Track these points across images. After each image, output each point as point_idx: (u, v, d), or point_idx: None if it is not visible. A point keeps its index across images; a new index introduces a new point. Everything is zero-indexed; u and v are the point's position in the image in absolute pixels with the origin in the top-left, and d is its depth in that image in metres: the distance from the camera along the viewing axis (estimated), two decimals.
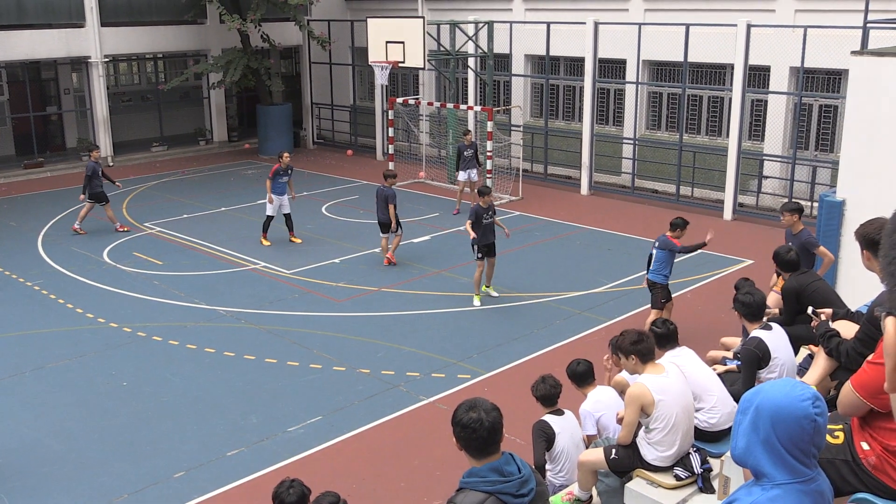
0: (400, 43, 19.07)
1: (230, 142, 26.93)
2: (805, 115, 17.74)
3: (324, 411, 9.50)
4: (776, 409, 2.48)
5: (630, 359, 5.71)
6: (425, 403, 9.67)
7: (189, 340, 11.48)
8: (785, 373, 6.49)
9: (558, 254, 15.29)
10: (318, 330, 11.84)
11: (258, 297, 13.20)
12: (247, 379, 10.32)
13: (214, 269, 14.59)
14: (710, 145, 19.16)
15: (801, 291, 7.80)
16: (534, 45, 21.50)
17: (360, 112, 26.42)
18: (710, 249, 15.20)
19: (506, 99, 23.03)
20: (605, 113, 21.29)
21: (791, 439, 2.47)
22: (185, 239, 16.34)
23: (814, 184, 17.15)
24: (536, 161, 21.87)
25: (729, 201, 17.62)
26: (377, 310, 12.59)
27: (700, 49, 18.22)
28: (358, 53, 25.68)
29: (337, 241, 16.09)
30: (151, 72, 27.15)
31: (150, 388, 10.12)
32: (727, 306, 11.87)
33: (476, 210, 12.55)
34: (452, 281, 13.81)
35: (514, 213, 18.19)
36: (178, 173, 22.88)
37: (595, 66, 19.55)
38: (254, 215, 18.09)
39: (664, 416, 5.58)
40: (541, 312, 12.40)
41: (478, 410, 3.47)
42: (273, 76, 24.86)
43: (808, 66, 16.61)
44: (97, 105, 23.59)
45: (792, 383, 2.55)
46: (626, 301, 12.75)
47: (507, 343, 11.31)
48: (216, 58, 24.35)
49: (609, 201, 19.34)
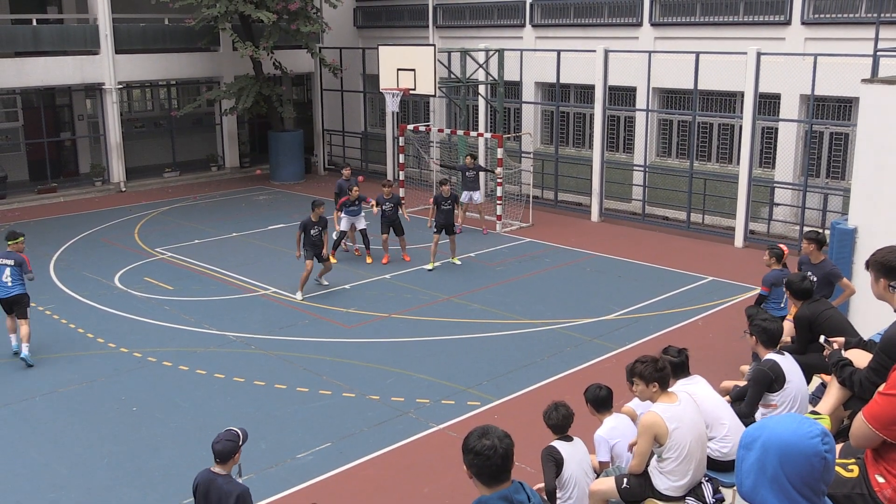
0: (411, 70, 19.20)
1: (242, 168, 27.07)
2: (816, 143, 17.73)
3: (333, 438, 9.46)
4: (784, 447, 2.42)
5: (651, 386, 5.68)
6: (435, 430, 9.62)
7: (198, 366, 11.48)
8: (797, 401, 6.42)
9: (568, 280, 15.27)
10: (328, 356, 11.82)
11: (268, 322, 13.20)
12: (256, 405, 10.29)
13: (225, 294, 14.62)
14: (721, 172, 19.15)
15: (813, 320, 7.75)
16: (544, 72, 21.61)
17: (371, 138, 26.55)
18: (721, 277, 15.18)
19: (516, 126, 23.11)
20: (615, 140, 21.33)
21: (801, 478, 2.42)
22: (196, 264, 16.39)
23: (825, 211, 17.10)
24: (547, 187, 21.89)
25: (740, 228, 17.57)
26: (387, 336, 12.57)
27: (710, 77, 18.28)
28: (369, 80, 25.85)
29: (347, 267, 16.11)
30: (164, 98, 27.39)
31: (160, 413, 10.10)
32: (738, 334, 11.84)
33: (437, 198, 15.92)
34: (463, 307, 13.79)
35: (524, 239, 18.19)
36: (190, 199, 23.00)
37: (605, 94, 19.62)
38: (266, 241, 18.15)
39: (677, 445, 5.55)
40: (551, 339, 12.36)
41: (491, 437, 3.45)
42: (285, 103, 25.04)
43: (818, 94, 16.63)
44: (111, 131, 23.79)
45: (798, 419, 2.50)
46: (636, 328, 12.70)
47: (517, 370, 11.27)
48: (229, 85, 24.57)
49: (619, 228, 19.33)
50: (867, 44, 15.80)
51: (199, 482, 6.06)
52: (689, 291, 14.50)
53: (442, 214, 16.03)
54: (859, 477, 3.53)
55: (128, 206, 22.00)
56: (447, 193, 16.12)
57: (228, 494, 5.91)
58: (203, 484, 6.04)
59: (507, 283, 15.13)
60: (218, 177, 26.25)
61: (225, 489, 5.93)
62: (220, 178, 26.12)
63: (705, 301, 13.94)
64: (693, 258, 16.58)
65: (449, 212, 16.07)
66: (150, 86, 26.74)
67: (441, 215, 16.04)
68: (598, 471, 6.47)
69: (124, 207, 21.86)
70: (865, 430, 3.47)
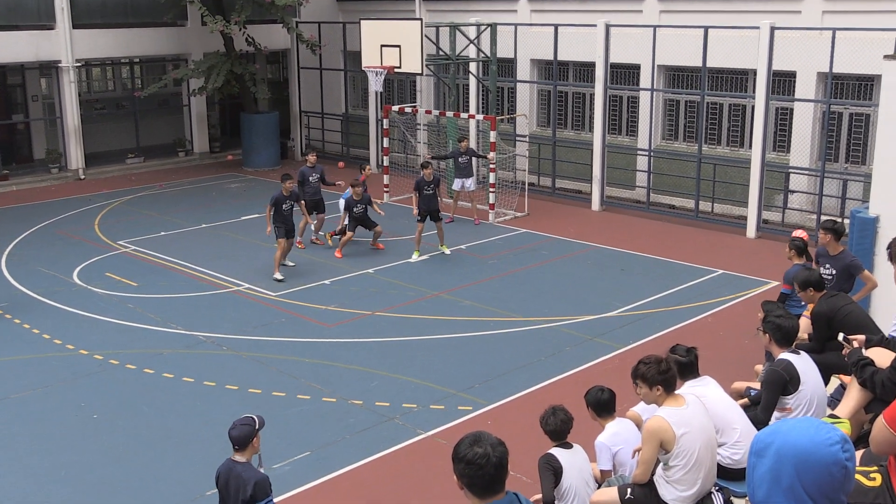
0: (396, 47, 19.15)
1: (212, 153, 26.98)
2: (834, 125, 17.79)
3: (312, 446, 9.45)
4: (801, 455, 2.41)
5: (655, 389, 5.69)
6: (423, 438, 9.62)
7: (166, 369, 11.44)
8: (814, 404, 6.45)
9: (567, 274, 15.28)
10: (307, 357, 11.80)
11: (241, 321, 13.16)
12: (229, 411, 10.25)
13: (194, 291, 14.56)
14: (732, 157, 19.20)
15: (832, 316, 7.76)
16: (540, 48, 21.59)
17: (352, 121, 26.49)
18: (732, 270, 15.23)
19: (510, 107, 23.10)
20: (617, 122, 21.35)
21: (819, 488, 2.41)
22: (162, 258, 16.33)
23: (844, 198, 17.17)
24: (543, 174, 21.90)
25: (752, 218, 17.63)
26: (371, 335, 12.56)
27: (720, 53, 18.30)
28: (350, 58, 25.77)
29: (327, 262, 16.08)
30: (127, 77, 27.25)
31: (123, 421, 10.06)
32: (751, 331, 11.87)
33: (418, 183, 16.06)
34: (453, 304, 13.79)
35: (519, 230, 18.20)
36: (156, 187, 22.90)
37: (606, 72, 19.62)
38: (238, 232, 18.10)
39: (685, 452, 5.56)
40: (548, 338, 12.37)
41: (483, 445, 3.44)
42: (259, 82, 24.94)
43: (836, 72, 16.68)
44: (68, 113, 23.65)
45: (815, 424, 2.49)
46: (641, 326, 12.73)
47: (512, 372, 11.28)
48: (197, 63, 24.45)
49: (622, 217, 19.36)
50: (890, 17, 15.86)
51: (220, 472, 6.45)
52: (698, 286, 14.54)
53: (425, 200, 16.10)
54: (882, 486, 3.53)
55: (87, 196, 21.89)
56: (430, 177, 16.15)
57: (246, 482, 6.22)
58: (224, 473, 6.40)
59: (500, 277, 15.14)
60: (186, 163, 26.15)
61: (243, 476, 6.26)
62: (189, 165, 26.03)
63: (715, 296, 13.98)
64: (702, 250, 16.62)
65: (432, 196, 16.18)
66: (111, 64, 26.59)
67: (424, 201, 16.10)
68: (599, 480, 6.48)
69: (83, 197, 21.75)
70: (887, 435, 3.47)
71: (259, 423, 6.47)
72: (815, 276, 8.24)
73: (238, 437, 6.37)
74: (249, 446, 6.40)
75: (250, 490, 6.20)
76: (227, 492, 6.35)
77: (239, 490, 6.25)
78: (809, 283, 8.19)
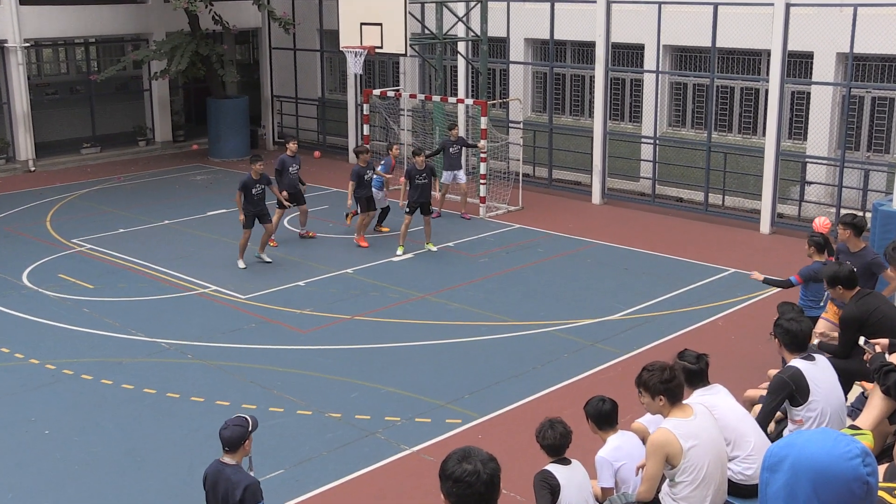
0: (377, 25, 19.11)
1: (175, 142, 26.91)
2: (855, 110, 17.87)
3: (287, 464, 9.44)
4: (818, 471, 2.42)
5: (658, 399, 5.70)
6: (408, 453, 9.61)
7: (125, 379, 11.40)
8: (826, 417, 6.41)
9: (565, 274, 15.31)
10: (280, 366, 11.78)
11: (208, 327, 13.13)
12: (194, 425, 10.25)
13: (156, 293, 14.52)
14: (744, 145, 19.26)
15: (865, 319, 7.52)
16: (535, 26, 21.61)
17: (329, 106, 26.45)
18: (744, 268, 15.27)
19: (502, 91, 23.10)
20: (619, 107, 21.38)
21: None
22: (120, 258, 16.28)
23: (866, 190, 17.26)
24: (539, 164, 21.91)
25: (766, 211, 17.70)
26: (350, 342, 12.54)
27: (731, 32, 18.34)
28: (327, 37, 25.72)
29: (302, 260, 16.06)
30: (82, 59, 27.12)
31: (78, 436, 10.03)
32: (765, 335, 11.90)
33: (409, 172, 16.15)
34: (440, 307, 13.79)
35: (512, 225, 18.22)
36: (114, 180, 22.82)
37: (608, 52, 19.65)
38: (204, 229, 18.05)
39: (693, 467, 5.58)
40: (545, 344, 12.39)
41: (473, 461, 3.45)
42: (226, 64, 24.87)
43: (857, 52, 16.75)
44: (16, 99, 23.53)
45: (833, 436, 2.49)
46: (646, 330, 12.76)
47: (504, 381, 11.28)
48: (159, 43, 24.36)
49: (625, 211, 19.41)
50: None
51: (208, 473, 6.60)
52: (708, 286, 14.59)
53: (417, 190, 16.09)
54: None
55: (38, 189, 21.79)
56: (422, 165, 16.17)
57: (236, 485, 6.36)
58: (212, 475, 6.55)
59: (492, 277, 15.15)
60: (146, 153, 26.07)
61: (233, 479, 6.40)
62: (150, 155, 25.94)
63: (727, 297, 14.03)
64: (712, 246, 16.69)
65: (426, 186, 16.18)
66: (63, 44, 26.45)
67: (416, 191, 16.09)
68: (600, 499, 6.50)
69: (33, 191, 21.66)
70: None
71: (252, 425, 6.61)
72: (844, 272, 8.08)
73: (230, 437, 6.49)
74: (241, 448, 6.52)
75: (239, 494, 6.33)
76: (215, 495, 6.46)
77: (228, 493, 6.39)
78: (838, 279, 8.06)
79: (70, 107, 26.33)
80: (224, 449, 6.53)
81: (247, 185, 15.33)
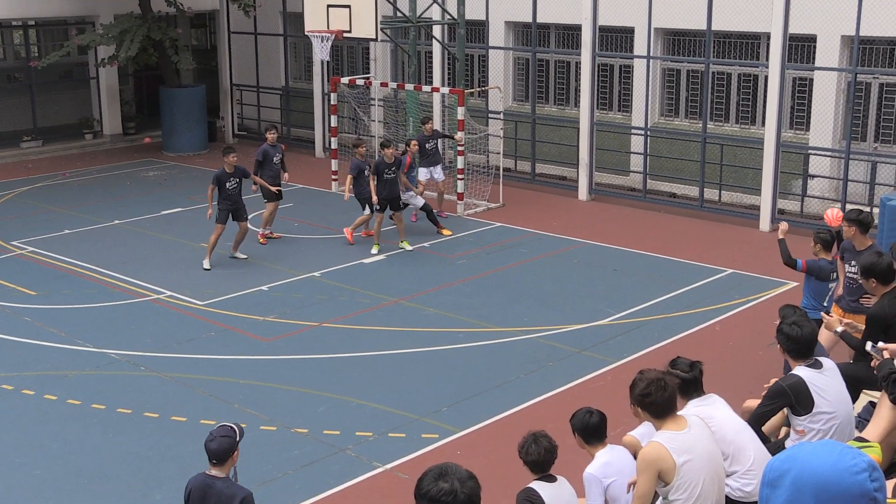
0: (345, 7, 19.07)
1: (126, 135, 26.77)
2: (861, 97, 18.00)
3: (249, 483, 9.35)
4: (822, 486, 2.43)
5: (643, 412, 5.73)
6: (381, 471, 9.61)
7: (72, 394, 11.32)
8: (834, 429, 6.42)
9: (550, 276, 15.34)
10: (241, 378, 11.74)
11: (162, 336, 13.07)
12: (148, 443, 10.20)
13: (105, 300, 14.44)
14: (742, 136, 19.37)
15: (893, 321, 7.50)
16: (517, 9, 21.64)
17: (294, 96, 26.39)
18: (743, 269, 15.37)
19: (481, 78, 23.12)
20: (607, 96, 21.45)
21: None
22: (66, 262, 16.18)
23: (873, 184, 17.38)
24: (521, 157, 21.95)
25: (766, 207, 17.79)
26: (317, 351, 12.52)
27: (727, 14, 18.43)
28: (291, 21, 25.68)
29: (264, 263, 16.02)
30: (20, 44, 26.94)
31: (19, 458, 9.95)
32: (765, 341, 11.99)
33: (377, 166, 16.11)
34: (415, 313, 13.79)
35: (493, 223, 18.24)
36: (58, 176, 22.69)
37: (595, 36, 19.70)
38: (158, 230, 17.96)
39: (688, 483, 5.61)
40: (529, 352, 12.41)
41: (450, 479, 3.46)
42: (181, 50, 24.77)
43: (864, 35, 16.86)
44: None
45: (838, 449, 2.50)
46: (638, 336, 12.81)
47: (485, 392, 11.30)
48: (107, 27, 24.20)
49: (614, 208, 19.47)
50: None
51: (193, 488, 6.66)
52: (704, 288, 14.66)
53: (385, 185, 16.17)
54: None
55: None
56: (390, 158, 16.22)
57: (230, 498, 6.49)
58: (198, 490, 6.61)
59: (471, 280, 15.17)
60: (94, 147, 25.92)
61: (226, 493, 6.51)
62: (98, 149, 25.80)
63: (724, 300, 14.10)
64: (708, 245, 16.77)
65: (393, 181, 16.30)
66: (0, 27, 26.25)
67: (384, 186, 16.16)
68: None
69: None
70: None
71: (239, 434, 6.76)
72: (883, 264, 7.89)
73: (217, 450, 6.59)
74: (229, 460, 6.65)
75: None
76: None
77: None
78: (874, 271, 7.88)
79: (8, 96, 26.14)
80: (211, 462, 6.61)
81: (220, 178, 15.44)
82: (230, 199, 15.52)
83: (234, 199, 15.56)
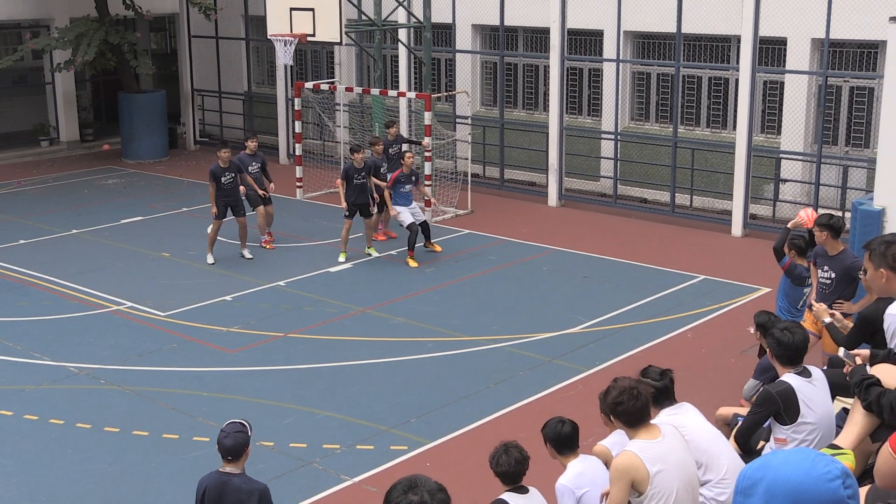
0: (309, 10, 19.06)
1: (83, 142, 26.58)
2: (832, 101, 18.17)
3: None
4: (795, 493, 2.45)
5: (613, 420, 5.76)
6: (349, 484, 9.59)
7: (28, 409, 11.22)
8: (818, 438, 6.41)
9: (520, 284, 15.37)
10: (205, 391, 11.69)
11: (122, 348, 12.98)
12: (108, 458, 10.12)
13: (62, 312, 14.33)
14: (713, 140, 19.51)
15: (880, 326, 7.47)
16: (484, 12, 21.69)
17: (257, 101, 26.30)
18: (715, 275, 15.47)
19: (448, 83, 23.15)
20: (577, 100, 21.54)
21: None
22: (21, 272, 16.04)
23: (845, 188, 17.55)
24: (490, 163, 21.99)
25: (738, 212, 17.91)
26: (282, 362, 12.48)
27: (697, 17, 18.55)
28: (254, 24, 25.61)
29: (228, 272, 15.95)
30: None
31: None
32: (738, 348, 12.08)
33: (347, 171, 16.20)
34: (383, 322, 13.78)
35: (461, 231, 18.25)
36: (12, 184, 22.49)
37: (564, 40, 19.78)
38: (118, 239, 17.85)
39: (661, 493, 5.63)
40: (498, 361, 12.42)
41: (419, 492, 3.47)
42: (140, 55, 24.64)
43: (834, 38, 17.02)
44: None
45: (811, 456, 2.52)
46: (609, 344, 12.86)
47: (455, 402, 11.30)
48: (62, 30, 24.04)
49: (584, 214, 19.54)
50: None
51: (208, 486, 6.77)
52: (675, 294, 14.74)
53: (354, 191, 16.16)
54: None
55: None
56: (360, 163, 16.16)
57: (249, 494, 6.69)
58: (214, 488, 6.73)
59: (439, 288, 15.18)
60: (50, 154, 25.73)
61: (244, 489, 6.70)
62: (54, 157, 25.61)
63: (696, 307, 14.19)
64: (679, 251, 16.87)
65: (363, 186, 16.26)
66: None
67: (353, 192, 16.14)
68: None
69: None
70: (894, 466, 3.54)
71: (250, 428, 6.95)
72: None
73: (233, 446, 6.74)
74: (244, 455, 6.82)
75: (255, 502, 6.67)
76: None
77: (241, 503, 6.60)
78: None
79: None
80: (226, 458, 6.76)
81: (215, 173, 15.80)
82: (226, 193, 15.91)
83: (230, 194, 15.95)
